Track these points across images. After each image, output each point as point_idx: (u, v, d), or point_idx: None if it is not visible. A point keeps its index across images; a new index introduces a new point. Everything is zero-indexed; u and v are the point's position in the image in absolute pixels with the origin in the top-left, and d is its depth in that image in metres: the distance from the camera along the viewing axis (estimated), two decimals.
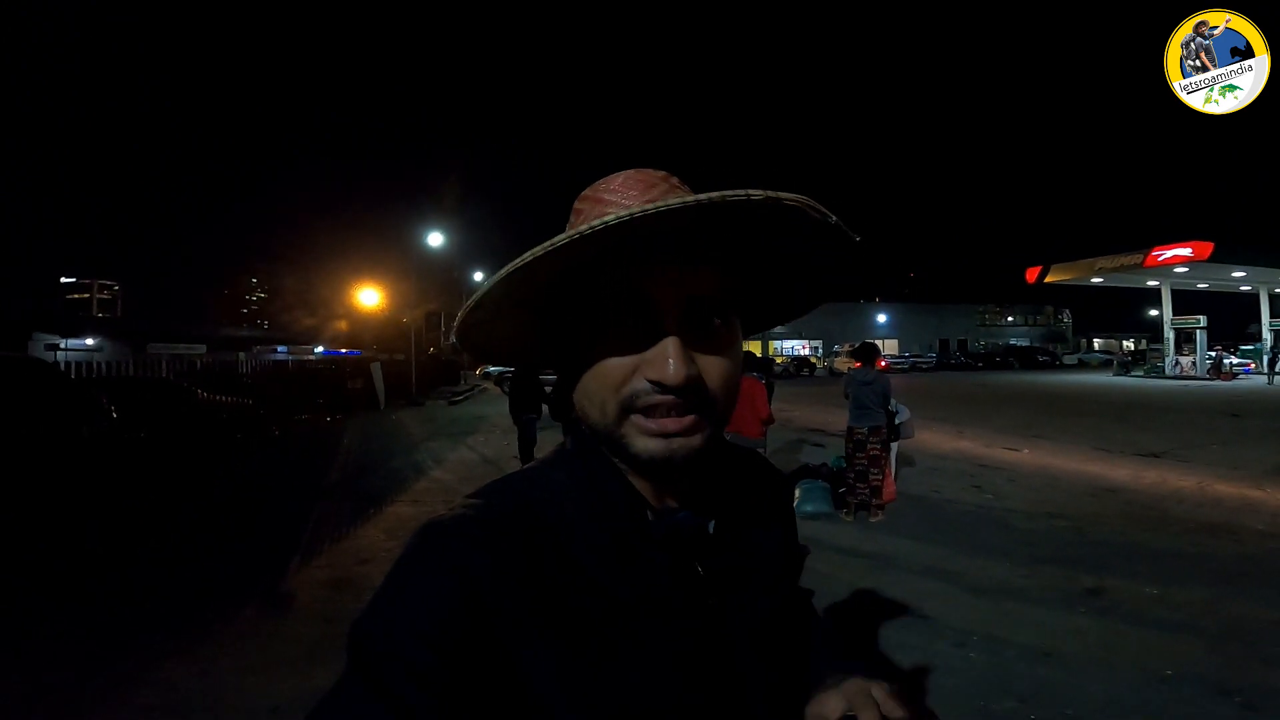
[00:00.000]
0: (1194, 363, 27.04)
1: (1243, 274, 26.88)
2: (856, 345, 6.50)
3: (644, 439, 0.53)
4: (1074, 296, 63.60)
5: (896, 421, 6.05)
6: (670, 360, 0.51)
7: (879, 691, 0.55)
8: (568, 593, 0.53)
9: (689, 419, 0.53)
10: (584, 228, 0.45)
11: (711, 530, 0.62)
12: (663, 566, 0.57)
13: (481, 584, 0.50)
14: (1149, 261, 25.44)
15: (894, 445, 6.25)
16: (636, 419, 0.53)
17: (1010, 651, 3.26)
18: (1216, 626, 3.48)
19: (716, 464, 0.65)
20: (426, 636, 0.47)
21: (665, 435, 0.53)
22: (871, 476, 5.73)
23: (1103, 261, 28.04)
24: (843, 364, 32.19)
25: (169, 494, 7.06)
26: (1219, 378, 25.49)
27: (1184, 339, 28.17)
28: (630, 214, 0.44)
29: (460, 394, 24.15)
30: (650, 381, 0.52)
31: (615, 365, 0.54)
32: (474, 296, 0.53)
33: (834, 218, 0.49)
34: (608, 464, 0.59)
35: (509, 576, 0.51)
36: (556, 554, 0.54)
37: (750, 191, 0.44)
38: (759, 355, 6.22)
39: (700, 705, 0.55)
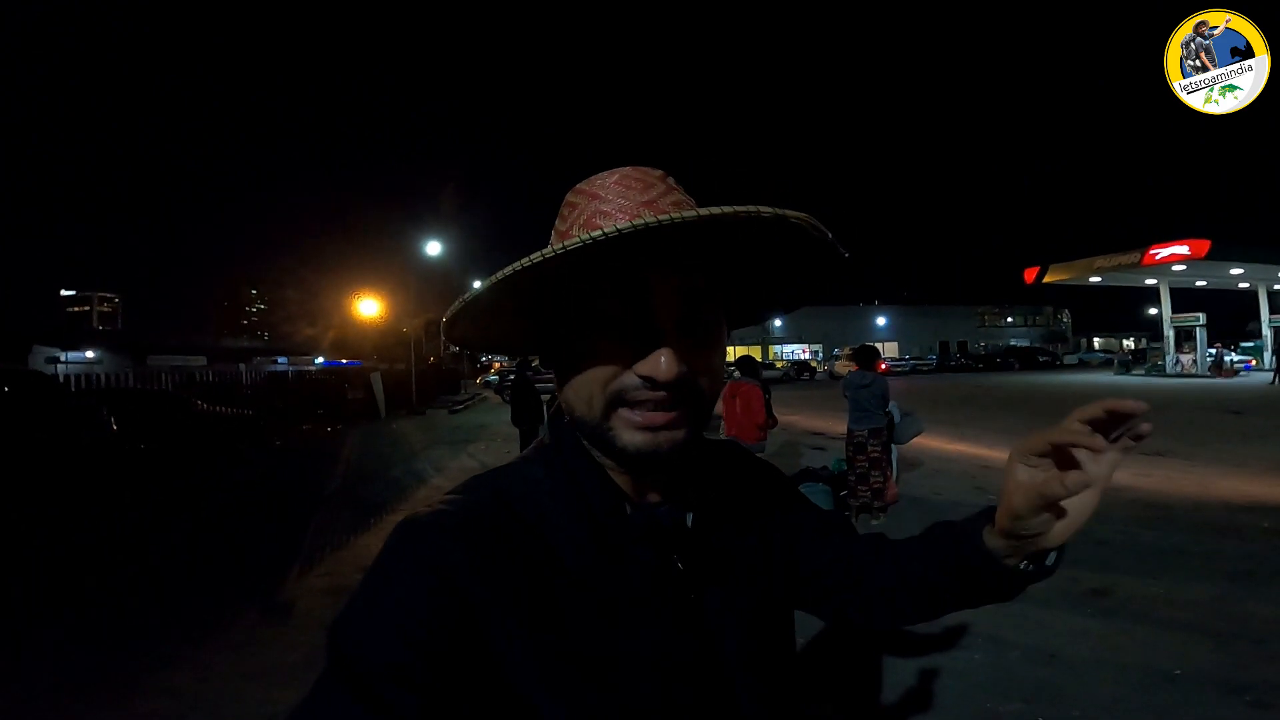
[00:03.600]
0: (1195, 360, 27.00)
1: (1241, 271, 26.86)
2: (855, 348, 6.48)
3: (630, 432, 0.54)
4: (1073, 296, 63.69)
5: (895, 424, 6.03)
6: (662, 358, 0.52)
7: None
8: (547, 588, 0.53)
9: (674, 413, 0.54)
10: (597, 234, 0.45)
11: (690, 524, 0.63)
12: (642, 561, 0.58)
13: (460, 580, 0.50)
14: (1146, 260, 25.44)
15: (894, 447, 6.23)
16: (624, 412, 0.54)
17: (1015, 653, 3.24)
18: (1224, 625, 3.45)
19: (696, 459, 0.66)
20: (406, 635, 0.47)
21: (652, 429, 0.54)
22: (872, 479, 5.71)
23: (1100, 261, 28.04)
24: (842, 367, 32.15)
25: (169, 504, 7.04)
26: (1220, 375, 25.46)
27: (1184, 337, 28.11)
28: (645, 224, 0.45)
29: (460, 402, 24.14)
30: (641, 377, 0.53)
31: (606, 360, 0.54)
32: (470, 295, 0.53)
33: (830, 235, 0.51)
34: (587, 459, 0.60)
35: (488, 572, 0.51)
36: (536, 549, 0.54)
37: (761, 209, 0.46)
38: (757, 360, 6.19)
39: (683, 699, 0.55)
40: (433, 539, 0.51)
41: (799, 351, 55.32)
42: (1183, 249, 24.06)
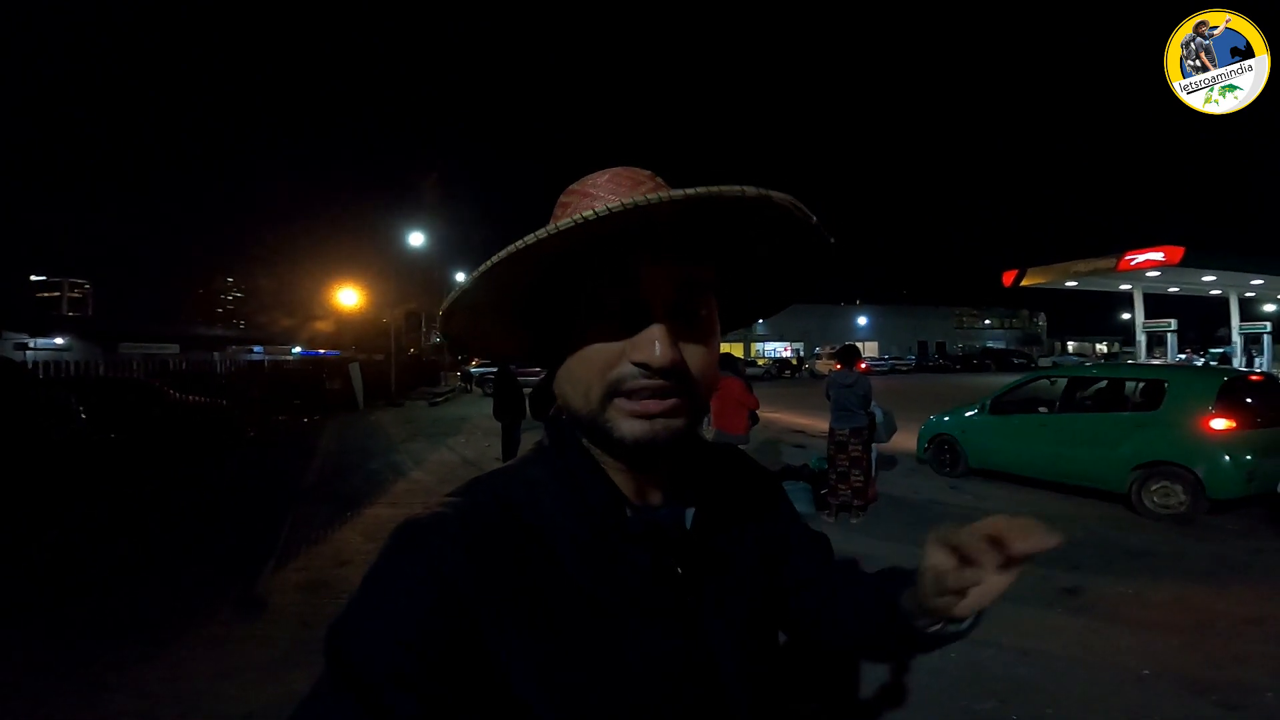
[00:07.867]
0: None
1: (1213, 278, 27.39)
2: (837, 348, 6.52)
3: (628, 421, 0.54)
4: (1049, 300, 64.76)
5: (877, 423, 6.08)
6: (656, 343, 0.52)
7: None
8: (547, 591, 0.53)
9: (671, 402, 0.54)
10: (589, 213, 0.46)
11: (689, 528, 0.63)
12: (641, 565, 0.58)
13: (460, 583, 0.50)
14: (1121, 265, 25.85)
15: (874, 446, 6.28)
16: (620, 402, 0.54)
17: (989, 651, 3.28)
18: (1191, 624, 3.53)
19: (695, 461, 0.66)
20: (406, 639, 0.47)
21: (648, 416, 0.54)
22: (853, 478, 5.76)
23: (1077, 265, 28.44)
24: (823, 366, 32.40)
25: (140, 496, 6.91)
26: None
27: (1155, 342, 28.66)
28: (635, 202, 0.45)
29: (441, 395, 23.94)
30: (636, 365, 0.53)
31: (601, 350, 0.55)
32: (468, 280, 0.52)
33: (814, 219, 0.52)
34: (587, 460, 0.59)
35: (487, 575, 0.51)
36: (535, 552, 0.54)
37: (745, 188, 0.46)
38: (736, 356, 6.21)
39: (680, 704, 0.56)
40: (432, 542, 0.51)
41: (780, 349, 55.64)
42: (1157, 255, 24.49)
